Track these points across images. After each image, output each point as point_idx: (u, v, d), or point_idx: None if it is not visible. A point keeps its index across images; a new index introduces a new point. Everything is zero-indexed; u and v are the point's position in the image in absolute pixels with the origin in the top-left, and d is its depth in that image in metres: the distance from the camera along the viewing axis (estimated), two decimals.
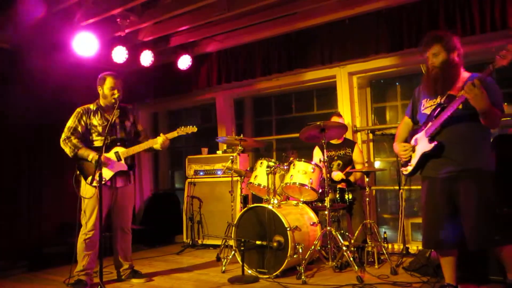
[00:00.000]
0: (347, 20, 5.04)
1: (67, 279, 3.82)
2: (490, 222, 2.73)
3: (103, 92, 3.92)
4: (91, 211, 3.77)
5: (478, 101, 2.62)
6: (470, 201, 2.76)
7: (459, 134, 2.82)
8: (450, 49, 2.85)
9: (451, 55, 2.85)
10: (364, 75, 5.58)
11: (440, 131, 2.86)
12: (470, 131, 2.81)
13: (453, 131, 2.83)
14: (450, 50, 2.85)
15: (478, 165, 2.78)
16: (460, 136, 2.82)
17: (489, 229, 2.73)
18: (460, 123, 2.81)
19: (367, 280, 3.66)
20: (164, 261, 5.02)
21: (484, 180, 2.77)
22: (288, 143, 6.52)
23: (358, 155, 4.93)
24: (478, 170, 2.77)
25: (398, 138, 3.24)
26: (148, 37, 5.63)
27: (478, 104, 2.63)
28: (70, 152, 3.80)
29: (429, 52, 2.91)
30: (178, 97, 6.90)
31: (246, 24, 5.43)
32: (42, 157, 5.47)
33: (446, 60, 2.85)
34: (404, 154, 3.07)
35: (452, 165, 2.82)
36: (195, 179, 6.02)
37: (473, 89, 2.60)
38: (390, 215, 5.76)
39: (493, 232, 2.72)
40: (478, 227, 2.74)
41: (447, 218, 2.87)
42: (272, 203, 4.13)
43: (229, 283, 3.78)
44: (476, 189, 2.75)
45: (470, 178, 2.77)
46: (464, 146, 2.81)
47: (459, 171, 2.79)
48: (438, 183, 2.89)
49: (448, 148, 2.84)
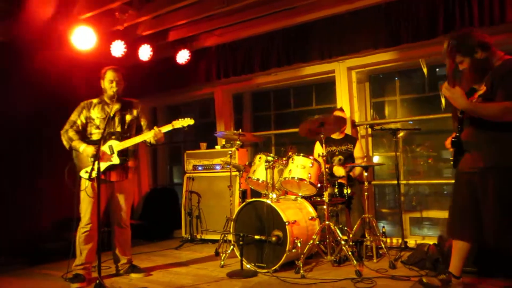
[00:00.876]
0: (346, 14, 5.02)
1: (65, 273, 3.82)
2: (505, 220, 2.70)
3: (104, 86, 3.94)
4: (86, 206, 3.77)
5: (453, 102, 2.73)
6: (489, 197, 2.74)
7: (476, 129, 2.83)
8: (471, 52, 2.83)
9: (474, 57, 2.83)
10: (363, 70, 5.57)
11: (461, 126, 2.90)
12: (484, 126, 2.77)
13: (472, 126, 2.87)
14: (471, 53, 2.83)
15: (497, 160, 2.74)
16: (477, 131, 2.83)
17: (507, 227, 2.69)
18: (475, 117, 2.80)
19: (366, 274, 3.66)
20: (162, 256, 5.02)
21: (505, 176, 2.71)
22: (287, 138, 6.51)
23: (359, 151, 4.94)
24: (497, 166, 2.74)
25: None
26: (147, 31, 5.61)
27: (456, 105, 2.73)
28: (66, 144, 3.86)
29: (456, 61, 2.92)
30: (177, 92, 6.88)
31: (245, 19, 5.41)
32: (41, 151, 5.46)
33: (471, 63, 2.84)
34: (448, 146, 3.09)
35: (473, 161, 2.85)
36: (193, 174, 6.02)
37: (445, 92, 2.72)
38: (388, 209, 5.77)
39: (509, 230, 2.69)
40: (496, 224, 2.72)
41: (469, 212, 2.87)
42: (271, 197, 4.13)
43: (228, 278, 3.79)
44: (495, 185, 2.72)
45: (490, 173, 2.75)
46: (481, 141, 2.81)
47: (479, 167, 2.80)
48: (464, 177, 2.94)
49: (467, 143, 2.89)
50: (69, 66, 5.45)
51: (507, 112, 2.64)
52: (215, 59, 6.10)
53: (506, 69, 2.71)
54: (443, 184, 5.38)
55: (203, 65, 6.22)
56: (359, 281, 3.44)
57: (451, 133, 3.04)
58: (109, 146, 3.87)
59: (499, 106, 2.65)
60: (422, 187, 5.52)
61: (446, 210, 3.91)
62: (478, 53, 2.82)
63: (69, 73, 5.45)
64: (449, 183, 5.32)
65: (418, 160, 5.52)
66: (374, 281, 3.44)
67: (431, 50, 4.81)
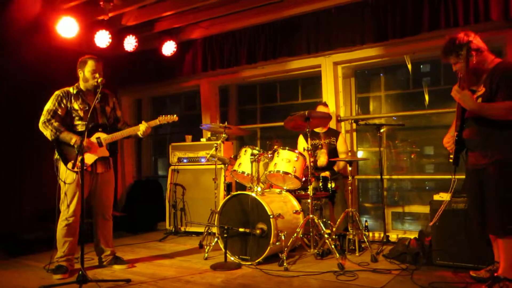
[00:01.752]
0: (334, 9, 5.03)
1: (47, 265, 3.78)
2: (503, 210, 2.85)
3: (84, 75, 3.85)
4: (71, 197, 3.73)
5: (463, 103, 2.89)
6: (489, 189, 2.92)
7: (478, 127, 2.95)
8: (466, 55, 2.94)
9: (469, 60, 2.94)
10: (349, 65, 5.60)
11: (462, 124, 3.02)
12: (487, 123, 2.89)
13: (473, 124, 2.98)
14: (466, 56, 2.94)
15: (498, 157, 2.86)
16: (478, 128, 2.95)
17: (502, 217, 2.85)
18: (479, 115, 2.93)
19: (348, 267, 3.71)
20: (146, 248, 5.00)
21: (505, 170, 2.85)
22: (273, 131, 6.53)
23: (342, 145, 4.98)
24: (498, 161, 2.86)
25: (450, 130, 3.29)
26: (132, 21, 5.54)
27: (465, 106, 2.90)
28: (51, 136, 3.72)
29: (451, 62, 3.06)
30: (162, 84, 6.83)
31: (232, 11, 5.38)
32: (22, 142, 5.37)
33: (466, 66, 2.95)
34: (448, 145, 3.17)
35: (475, 158, 3.00)
36: (178, 166, 5.99)
37: (455, 94, 2.90)
38: (371, 204, 5.84)
39: (505, 220, 2.84)
40: (492, 213, 2.90)
41: (480, 206, 3.01)
42: (256, 191, 4.14)
43: (212, 270, 3.80)
44: (495, 178, 2.87)
45: (491, 169, 2.88)
46: (482, 139, 2.94)
47: (484, 163, 2.93)
48: (471, 174, 3.09)
49: (470, 141, 3.01)
50: (52, 56, 5.35)
51: (511, 111, 2.79)
52: (201, 51, 6.06)
53: (504, 70, 2.86)
54: (425, 180, 5.46)
55: (189, 57, 6.18)
56: (341, 274, 3.49)
57: (434, 129, 3.11)
58: (97, 138, 3.83)
59: (504, 105, 2.79)
60: (404, 183, 5.60)
61: (427, 205, 3.98)
62: (472, 56, 2.95)
63: (51, 63, 5.35)
64: (431, 178, 5.42)
65: (401, 156, 5.59)
66: (356, 274, 3.49)
67: (416, 47, 4.87)
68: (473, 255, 3.43)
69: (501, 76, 2.84)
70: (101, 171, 3.91)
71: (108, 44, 5.43)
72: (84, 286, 3.16)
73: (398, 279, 3.35)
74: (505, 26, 4.32)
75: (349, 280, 3.35)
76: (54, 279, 3.59)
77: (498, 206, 2.88)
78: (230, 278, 3.53)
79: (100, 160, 3.87)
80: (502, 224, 2.86)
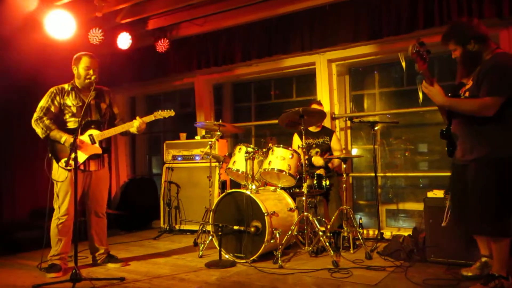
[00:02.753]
0: (328, 6, 5.03)
1: (40, 263, 3.76)
2: (482, 209, 2.79)
3: (78, 72, 3.83)
4: (64, 195, 3.70)
5: (433, 99, 2.86)
6: (471, 187, 2.86)
7: (463, 122, 2.90)
8: (464, 41, 2.86)
9: (467, 47, 2.86)
10: (343, 62, 5.60)
11: (450, 118, 2.99)
12: (470, 118, 2.83)
13: (459, 119, 2.93)
14: (464, 43, 2.87)
15: (481, 153, 2.81)
16: (464, 124, 2.90)
17: (480, 216, 2.80)
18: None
19: (342, 264, 3.72)
20: (140, 246, 4.99)
21: (488, 167, 2.78)
22: (267, 129, 6.53)
23: (336, 143, 4.98)
24: (482, 158, 2.80)
25: None
26: (126, 19, 5.51)
27: (435, 101, 2.86)
28: (41, 133, 3.70)
29: (449, 48, 2.97)
30: (156, 81, 6.81)
31: (226, 8, 5.37)
32: (14, 140, 5.33)
33: (463, 53, 2.88)
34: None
35: (461, 153, 2.96)
36: (173, 164, 5.98)
37: (424, 89, 2.86)
38: (365, 201, 5.86)
39: (484, 219, 2.79)
40: (471, 212, 2.85)
41: (463, 203, 2.96)
42: (250, 188, 4.14)
43: (206, 268, 3.79)
44: (477, 175, 2.82)
45: (475, 165, 2.83)
46: (467, 134, 2.90)
47: (466, 159, 2.89)
48: (456, 169, 3.04)
49: (457, 136, 2.98)
50: (45, 53, 5.30)
51: (485, 108, 2.73)
52: (195, 49, 6.04)
53: (490, 64, 2.77)
54: (419, 177, 5.48)
55: (183, 54, 6.15)
56: (336, 271, 3.49)
57: (428, 127, 3.13)
58: (89, 135, 3.80)
59: (476, 102, 2.74)
60: (398, 180, 5.62)
61: (421, 203, 3.99)
62: (471, 44, 2.85)
63: (45, 60, 5.31)
64: (425, 176, 5.44)
65: (395, 153, 5.61)
66: (350, 271, 3.50)
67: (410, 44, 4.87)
68: (467, 252, 3.43)
69: (488, 70, 2.77)
70: (95, 168, 3.88)
71: (101, 41, 5.40)
72: (77, 285, 3.14)
73: (392, 276, 3.37)
74: (498, 24, 4.34)
75: (343, 277, 3.36)
76: (48, 277, 3.57)
77: (478, 204, 2.82)
78: (225, 276, 3.52)
79: (93, 158, 3.84)
80: (481, 223, 2.82)
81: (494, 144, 2.79)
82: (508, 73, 2.74)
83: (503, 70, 2.75)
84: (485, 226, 2.81)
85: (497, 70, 2.75)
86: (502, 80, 2.72)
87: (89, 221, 3.99)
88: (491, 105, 2.72)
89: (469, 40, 2.85)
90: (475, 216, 2.84)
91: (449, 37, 2.94)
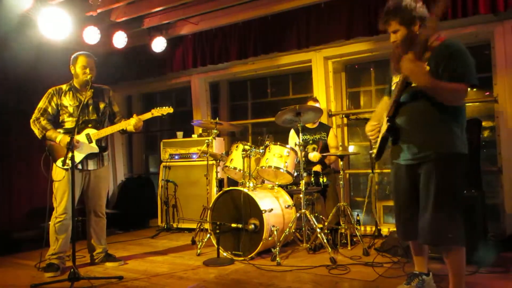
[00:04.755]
0: (323, 4, 5.03)
1: (38, 263, 3.76)
2: (444, 216, 2.41)
3: (75, 71, 3.84)
4: (61, 195, 3.71)
5: (415, 77, 2.38)
6: (426, 190, 2.48)
7: (414, 115, 2.53)
8: (409, 21, 2.48)
9: (411, 28, 2.49)
10: (339, 59, 5.62)
11: (396, 111, 2.57)
12: (425, 111, 2.48)
13: (408, 111, 2.54)
14: (409, 23, 2.49)
15: (437, 149, 2.45)
16: (415, 116, 2.52)
17: (443, 224, 2.41)
18: (416, 101, 2.51)
19: (340, 261, 3.73)
20: (138, 244, 4.99)
21: (445, 166, 2.44)
22: (264, 127, 6.53)
23: (333, 139, 4.99)
24: (438, 155, 2.45)
25: (373, 117, 2.88)
26: (121, 17, 5.50)
27: (416, 81, 2.38)
28: (38, 134, 3.74)
29: (389, 29, 2.57)
30: (153, 80, 6.81)
31: (222, 6, 5.36)
32: (12, 140, 5.32)
33: (406, 35, 2.50)
34: (371, 134, 2.76)
35: (411, 151, 2.55)
36: (170, 163, 5.97)
37: (408, 64, 2.35)
38: (363, 198, 5.86)
39: (447, 227, 2.41)
40: (430, 220, 2.43)
41: (413, 207, 2.60)
42: (248, 186, 4.14)
43: (204, 266, 3.80)
44: (434, 176, 2.44)
45: (429, 164, 2.47)
46: (421, 128, 2.50)
47: (419, 157, 2.51)
48: (403, 169, 2.63)
49: (406, 130, 2.56)
50: (40, 53, 5.28)
51: (461, 95, 2.40)
52: (191, 47, 6.03)
53: (450, 50, 2.42)
54: None
55: (179, 53, 6.15)
56: (334, 268, 3.51)
57: None
58: (86, 134, 3.80)
59: (454, 87, 2.36)
60: None
61: None
62: (416, 25, 2.49)
63: (40, 60, 5.29)
64: None
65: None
66: (348, 267, 3.51)
67: None
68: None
69: (450, 56, 2.40)
70: (93, 168, 3.88)
71: (97, 40, 5.39)
72: (76, 284, 3.14)
73: (390, 272, 3.38)
74: (493, 20, 4.36)
75: (341, 273, 3.37)
76: (46, 277, 3.57)
77: (437, 210, 2.41)
78: (223, 274, 3.53)
79: (90, 157, 3.84)
80: (441, 232, 2.41)
81: (452, 140, 2.45)
82: (471, 61, 2.42)
83: (466, 56, 2.42)
84: (449, 234, 2.40)
85: (462, 56, 2.40)
86: (470, 67, 2.40)
87: (88, 221, 3.98)
88: (464, 92, 2.39)
89: (415, 20, 2.48)
90: (435, 223, 2.42)
91: (393, 15, 2.51)
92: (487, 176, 4.70)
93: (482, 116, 4.85)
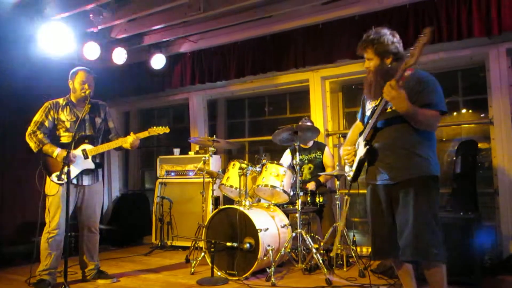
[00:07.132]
0: (321, 25, 5.09)
1: (28, 278, 3.71)
2: (427, 233, 2.49)
3: (73, 86, 3.86)
4: (55, 210, 3.67)
5: (396, 103, 2.45)
6: (405, 209, 2.55)
7: (391, 139, 2.63)
8: (383, 54, 2.63)
9: (384, 60, 2.64)
10: (336, 79, 5.67)
11: (374, 135, 2.69)
12: (401, 135, 2.60)
13: (385, 135, 2.65)
14: (382, 55, 2.64)
15: (413, 172, 2.55)
16: (392, 140, 2.63)
17: (428, 240, 2.48)
18: (391, 126, 2.63)
19: (336, 282, 3.69)
20: (131, 261, 4.93)
21: (423, 186, 2.54)
22: (261, 145, 6.53)
23: (329, 158, 4.99)
24: (414, 177, 2.55)
25: (347, 141, 3.02)
26: (121, 34, 5.55)
27: (398, 107, 2.46)
28: (34, 147, 3.72)
29: (366, 56, 2.73)
30: (151, 97, 6.83)
31: (221, 26, 5.42)
32: (5, 153, 5.28)
33: (379, 65, 2.65)
34: (347, 158, 2.87)
35: (386, 173, 2.63)
36: (166, 179, 5.95)
37: (390, 90, 2.42)
38: (359, 218, 5.84)
39: (432, 243, 2.48)
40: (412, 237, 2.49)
41: (389, 224, 2.67)
42: (244, 205, 4.12)
43: (198, 285, 3.75)
44: (412, 196, 2.52)
45: (407, 184, 2.55)
46: (396, 152, 2.61)
47: (396, 178, 2.59)
48: (379, 190, 2.71)
49: (382, 153, 2.66)
50: (40, 67, 5.30)
51: (436, 121, 2.56)
52: (190, 65, 6.07)
53: (424, 80, 2.58)
54: None
55: (178, 70, 6.18)
56: None
57: None
58: (82, 150, 3.79)
59: (433, 113, 2.51)
60: None
61: None
62: (389, 59, 2.63)
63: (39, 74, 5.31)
64: None
65: None
66: None
67: None
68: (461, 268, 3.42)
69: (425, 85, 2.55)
70: (87, 183, 3.86)
71: (97, 56, 5.43)
72: None
73: None
74: (487, 43, 4.43)
75: None
76: None
77: (420, 227, 2.48)
78: None
79: (85, 173, 3.83)
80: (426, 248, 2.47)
81: (428, 162, 2.57)
82: (440, 89, 2.58)
83: (437, 87, 2.58)
84: (434, 250, 2.47)
85: (434, 86, 2.57)
86: (442, 96, 2.57)
87: (81, 236, 3.94)
88: (439, 119, 2.56)
89: (389, 54, 2.63)
90: (419, 239, 2.47)
91: (371, 43, 2.66)
92: (483, 197, 4.70)
93: (477, 137, 4.87)
